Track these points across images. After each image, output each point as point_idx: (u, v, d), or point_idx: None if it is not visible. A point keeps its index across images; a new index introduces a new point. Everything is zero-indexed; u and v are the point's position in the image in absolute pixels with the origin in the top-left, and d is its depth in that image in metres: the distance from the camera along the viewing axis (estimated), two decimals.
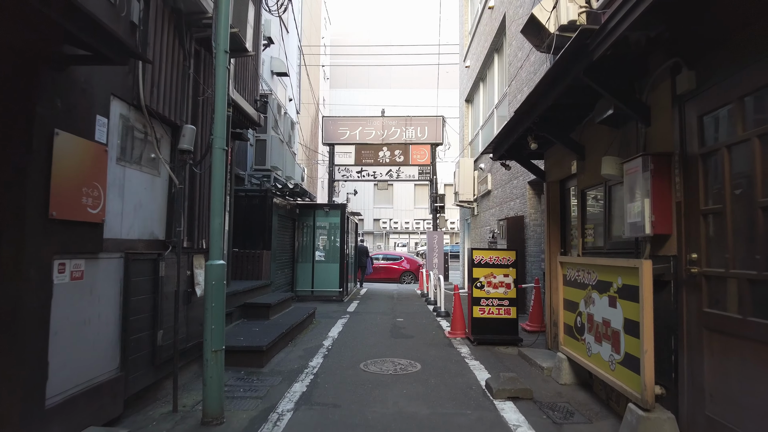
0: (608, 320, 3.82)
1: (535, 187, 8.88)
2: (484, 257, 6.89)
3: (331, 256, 12.20)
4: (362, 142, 16.61)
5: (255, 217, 9.45)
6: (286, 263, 11.19)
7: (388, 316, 9.42)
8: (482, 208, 12.93)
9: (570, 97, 4.35)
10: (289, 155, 11.21)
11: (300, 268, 12.02)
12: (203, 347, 3.69)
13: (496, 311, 6.83)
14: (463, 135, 16.44)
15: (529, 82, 8.82)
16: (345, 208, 12.15)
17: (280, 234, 10.49)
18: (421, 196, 54.31)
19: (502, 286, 6.86)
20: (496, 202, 11.22)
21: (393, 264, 20.26)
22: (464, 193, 13.56)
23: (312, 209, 12.24)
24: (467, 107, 16.44)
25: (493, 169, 11.58)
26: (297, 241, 11.92)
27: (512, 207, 9.74)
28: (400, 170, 16.60)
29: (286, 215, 11.01)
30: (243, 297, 7.18)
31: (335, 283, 11.99)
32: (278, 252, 10.34)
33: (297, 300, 11.78)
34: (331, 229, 12.46)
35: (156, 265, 3.99)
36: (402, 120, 16.77)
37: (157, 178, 4.12)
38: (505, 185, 10.40)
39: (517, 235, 8.96)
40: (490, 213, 11.88)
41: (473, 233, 14.34)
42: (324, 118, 16.91)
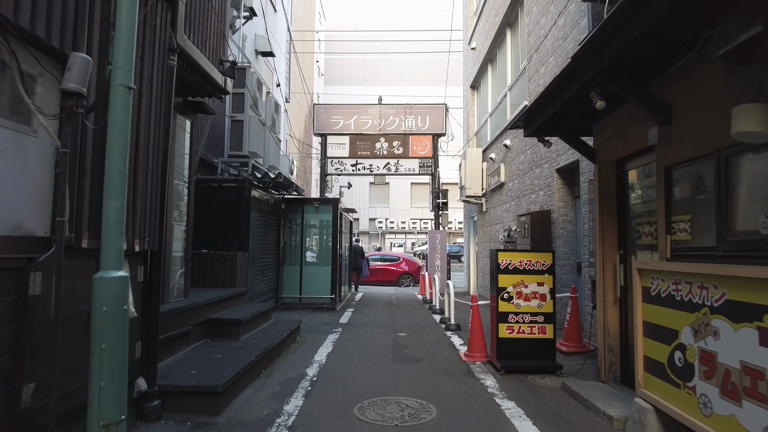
0: (760, 368, 2.34)
1: (564, 175, 7.41)
2: (513, 261, 5.40)
3: (322, 258, 10.69)
4: (357, 132, 15.12)
5: (229, 213, 7.93)
6: (269, 266, 9.67)
7: (387, 330, 7.92)
8: (493, 204, 11.46)
9: (658, 29, 2.90)
10: (272, 142, 9.70)
11: (286, 272, 10.50)
12: (87, 418, 2.17)
13: (527, 330, 5.35)
14: (468, 125, 14.98)
15: (556, 50, 7.35)
16: (338, 204, 10.65)
17: (260, 232, 8.97)
18: (418, 195, 52.90)
19: (535, 297, 5.38)
20: (511, 195, 9.75)
21: (390, 265, 18.77)
22: (472, 187, 12.09)
23: (300, 204, 10.72)
24: (472, 94, 14.97)
25: (507, 159, 10.11)
26: (282, 241, 10.40)
27: (534, 200, 8.28)
28: (399, 163, 15.12)
29: (270, 211, 9.50)
30: (206, 311, 5.66)
31: (326, 289, 10.48)
32: (259, 253, 8.82)
33: (283, 308, 10.27)
34: (322, 227, 10.95)
35: (22, 278, 2.47)
36: (401, 108, 15.29)
37: (28, 138, 2.59)
38: (523, 175, 8.93)
39: (542, 234, 7.49)
40: (503, 209, 10.42)
41: (481, 232, 12.87)
42: (315, 106, 15.40)
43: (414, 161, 15.10)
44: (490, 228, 11.69)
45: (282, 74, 16.27)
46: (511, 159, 9.82)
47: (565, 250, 7.28)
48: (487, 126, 12.78)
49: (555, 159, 7.38)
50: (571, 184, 7.40)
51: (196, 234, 7.89)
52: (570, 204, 7.38)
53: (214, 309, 5.90)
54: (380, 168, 15.18)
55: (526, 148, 8.84)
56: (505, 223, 10.00)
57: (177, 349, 4.93)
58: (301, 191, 10.26)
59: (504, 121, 10.75)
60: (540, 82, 8.14)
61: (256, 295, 8.76)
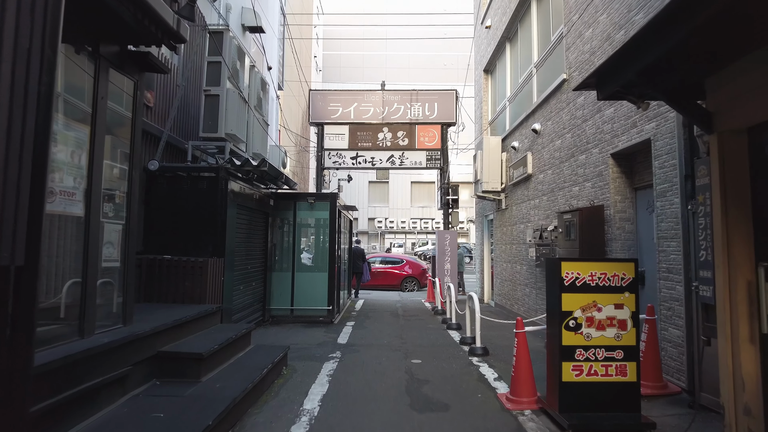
0: None
1: (622, 161, 5.88)
2: (581, 274, 3.87)
3: (318, 263, 9.15)
4: (358, 122, 13.60)
5: (201, 209, 6.39)
6: (255, 274, 8.12)
7: (397, 354, 6.39)
8: (515, 200, 9.93)
9: None
10: (258, 125, 8.15)
11: (275, 280, 8.96)
12: None
13: (602, 370, 3.82)
14: (482, 113, 13.44)
15: (611, 3, 5.82)
16: (336, 199, 9.12)
17: (243, 233, 7.42)
18: (419, 194, 51.39)
19: (612, 325, 3.85)
20: (542, 189, 8.22)
21: (393, 268, 17.24)
22: (489, 181, 10.56)
23: (292, 200, 9.17)
24: (486, 79, 13.43)
25: (536, 146, 8.57)
26: (271, 243, 8.85)
27: (578, 194, 6.75)
28: (404, 156, 13.61)
29: (255, 208, 7.95)
30: (155, 342, 4.11)
31: (323, 299, 8.93)
32: (240, 258, 7.27)
33: (271, 323, 8.72)
34: (318, 226, 9.41)
35: None
36: (406, 95, 13.76)
37: None
38: (561, 164, 7.40)
39: (594, 235, 5.96)
40: (530, 205, 8.88)
41: (498, 232, 11.34)
42: (311, 92, 13.85)
43: (421, 153, 13.58)
44: (511, 228, 10.16)
45: (274, 58, 14.72)
46: (542, 146, 8.29)
47: (622, 255, 5.76)
48: (506, 113, 11.25)
49: (610, 141, 5.85)
50: (629, 172, 5.88)
51: (159, 236, 6.35)
52: (629, 197, 5.85)
53: (168, 337, 4.36)
54: (383, 161, 13.67)
55: (563, 131, 7.31)
56: (535, 222, 8.46)
57: (103, 404, 3.39)
58: (293, 185, 8.72)
59: (530, 104, 9.22)
60: (585, 49, 6.62)
61: (238, 309, 7.21)
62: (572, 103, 7.03)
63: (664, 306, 4.65)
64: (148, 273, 5.75)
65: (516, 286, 9.75)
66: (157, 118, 6.64)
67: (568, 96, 7.21)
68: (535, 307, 8.54)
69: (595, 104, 6.26)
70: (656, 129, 4.85)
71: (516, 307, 9.71)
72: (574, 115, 6.97)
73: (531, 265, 8.74)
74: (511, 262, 10.16)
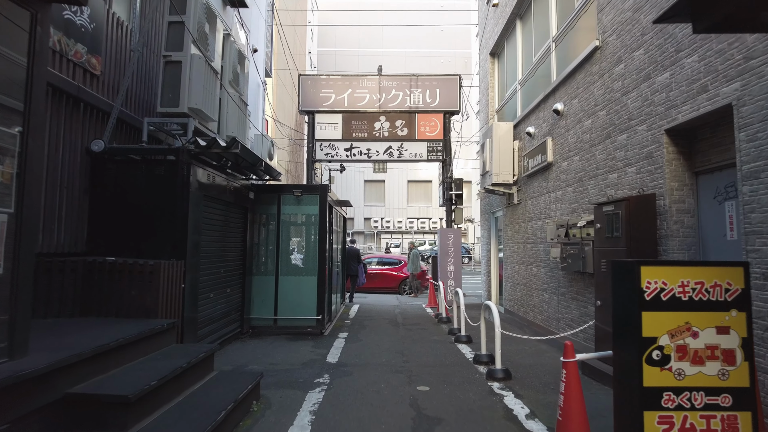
0: None
1: (679, 139, 4.71)
2: (669, 282, 2.70)
3: (306, 265, 7.95)
4: (353, 110, 12.40)
5: (157, 200, 5.19)
6: (230, 278, 6.90)
7: (400, 378, 5.20)
8: (530, 193, 8.76)
9: None
10: (234, 106, 6.94)
11: (256, 285, 7.74)
12: None
13: (702, 424, 2.65)
14: (488, 100, 12.28)
15: None
16: (326, 192, 7.91)
17: (213, 230, 6.22)
18: (415, 193, 50.20)
19: (713, 357, 2.68)
20: (567, 178, 7.05)
21: (391, 270, 16.06)
22: (500, 172, 9.38)
23: (275, 193, 7.95)
24: (493, 63, 12.27)
25: (558, 130, 7.41)
26: (251, 243, 7.64)
27: (617, 182, 5.58)
28: (403, 147, 12.41)
29: (231, 201, 6.75)
30: (62, 380, 2.90)
31: (311, 307, 7.73)
32: (209, 260, 6.06)
33: (251, 335, 7.53)
34: (306, 223, 8.20)
35: None
36: (405, 80, 12.58)
37: None
38: (592, 148, 6.23)
39: (642, 231, 4.79)
40: (550, 198, 7.72)
41: (509, 230, 10.17)
42: (301, 78, 12.63)
43: (421, 145, 12.39)
44: (525, 225, 8.98)
45: (261, 41, 13.51)
46: (566, 129, 7.12)
47: (681, 255, 4.59)
48: (517, 97, 10.09)
49: (664, 114, 4.68)
50: (688, 152, 4.72)
51: (107, 233, 5.14)
52: (688, 184, 4.69)
53: (86, 371, 3.15)
54: (380, 153, 12.46)
55: (595, 108, 6.15)
56: (557, 218, 7.29)
57: None
58: (276, 175, 7.50)
59: (548, 83, 8.06)
60: (625, 6, 5.45)
61: (206, 321, 6.00)
62: (607, 74, 5.86)
63: (758, 325, 3.49)
64: (86, 280, 4.54)
65: (531, 291, 8.58)
66: (106, 89, 5.42)
67: (601, 66, 6.04)
68: (556, 316, 7.38)
69: (641, 71, 5.09)
70: (741, 90, 3.69)
71: (531, 314, 8.54)
72: (610, 87, 5.81)
73: (552, 268, 7.58)
74: (525, 264, 8.99)
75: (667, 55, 4.64)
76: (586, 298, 6.34)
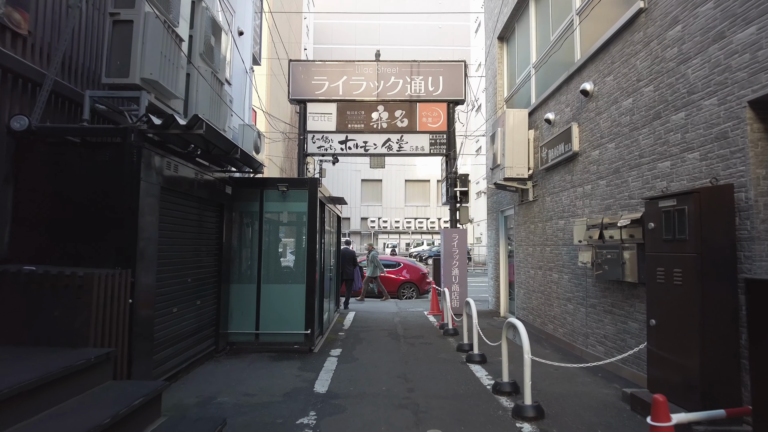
0: None
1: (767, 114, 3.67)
2: None
3: (293, 271, 6.87)
4: (348, 98, 11.33)
5: (100, 192, 4.11)
6: (201, 287, 5.82)
7: (404, 416, 4.13)
8: (549, 188, 7.72)
9: None
10: (205, 84, 5.86)
11: (235, 294, 6.66)
12: None
13: None
14: (496, 88, 11.23)
15: None
16: (316, 187, 6.83)
17: (176, 230, 5.14)
18: (413, 193, 49.16)
19: None
20: (600, 170, 5.99)
21: (389, 273, 14.98)
22: (513, 165, 8.33)
23: (257, 188, 6.87)
24: (501, 49, 11.23)
25: (586, 114, 6.36)
26: (228, 245, 6.57)
27: (669, 172, 4.52)
28: (403, 140, 11.35)
29: (202, 196, 5.67)
30: None
31: (298, 320, 6.65)
32: (171, 267, 4.98)
33: (229, 353, 6.46)
34: (293, 222, 7.13)
35: None
36: (406, 66, 11.52)
37: None
38: (634, 131, 5.17)
39: (715, 232, 3.74)
40: (576, 193, 6.67)
41: (522, 231, 9.12)
42: (291, 63, 11.55)
43: (423, 137, 11.33)
44: (543, 225, 7.93)
45: (248, 25, 12.41)
46: (597, 112, 6.07)
47: None
48: (531, 83, 9.04)
49: (746, 82, 3.64)
50: None
51: (34, 234, 4.06)
52: None
53: None
54: (378, 146, 11.39)
55: (638, 84, 5.10)
56: (586, 216, 6.24)
57: None
58: (257, 166, 6.42)
59: (571, 62, 7.01)
60: None
61: (166, 343, 4.92)
62: (656, 41, 4.81)
63: None
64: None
65: (551, 300, 7.53)
66: (36, 54, 4.33)
67: (646, 33, 5.00)
68: (583, 331, 6.33)
69: (709, 30, 4.05)
70: None
71: (551, 326, 7.49)
72: (659, 57, 4.76)
73: (578, 274, 6.53)
74: (542, 269, 7.94)
75: (752, 3, 3.59)
76: (625, 311, 5.29)
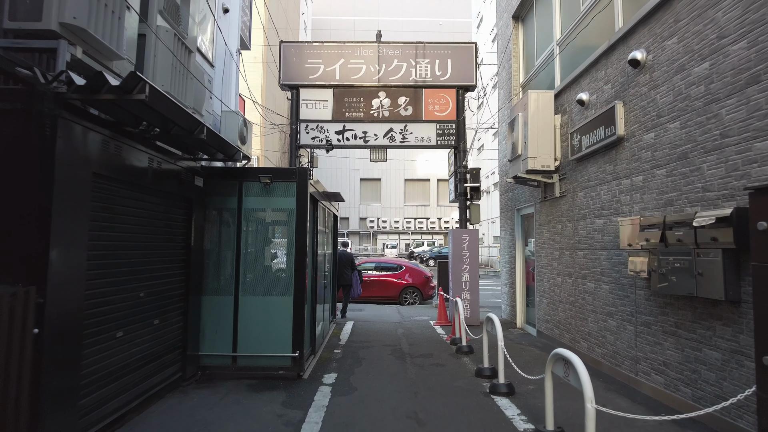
0: None
1: None
2: None
3: (278, 281, 5.69)
4: (346, 83, 10.18)
5: None
6: (161, 302, 4.65)
7: None
8: (580, 182, 6.57)
9: None
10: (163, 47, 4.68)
11: (208, 309, 5.50)
12: None
13: None
14: (511, 72, 10.08)
15: None
16: (306, 178, 5.66)
17: (122, 231, 3.97)
18: (413, 193, 47.98)
19: None
20: (655, 157, 4.82)
21: (390, 276, 13.83)
22: (538, 156, 7.17)
23: (234, 180, 5.70)
24: (516, 29, 10.08)
25: (636, 89, 5.20)
26: (198, 249, 5.40)
27: None
28: (407, 130, 10.19)
29: (165, 189, 4.51)
30: None
31: (284, 340, 5.48)
32: (114, 278, 3.81)
33: (200, 381, 5.31)
34: (279, 222, 5.97)
35: None
36: (410, 48, 10.37)
37: None
38: (709, 105, 3.99)
39: None
40: (619, 187, 5.51)
41: (546, 231, 7.97)
42: (283, 45, 10.39)
43: (429, 127, 10.17)
44: (574, 224, 6.78)
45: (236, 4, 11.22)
46: (653, 84, 4.91)
47: None
48: (555, 62, 7.90)
49: None
50: None
51: None
52: None
53: None
54: (379, 137, 10.24)
55: (722, 41, 3.94)
56: (635, 214, 5.09)
57: None
58: (233, 153, 5.25)
59: (611, 31, 5.86)
60: None
61: (110, 378, 3.75)
62: None
63: None
64: None
65: (584, 314, 6.39)
66: None
67: None
68: (631, 354, 5.18)
69: None
70: None
71: (584, 345, 6.34)
72: (750, 5, 3.62)
73: (623, 285, 5.38)
74: (572, 276, 6.80)
75: None
76: (698, 335, 4.14)
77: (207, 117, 7.26)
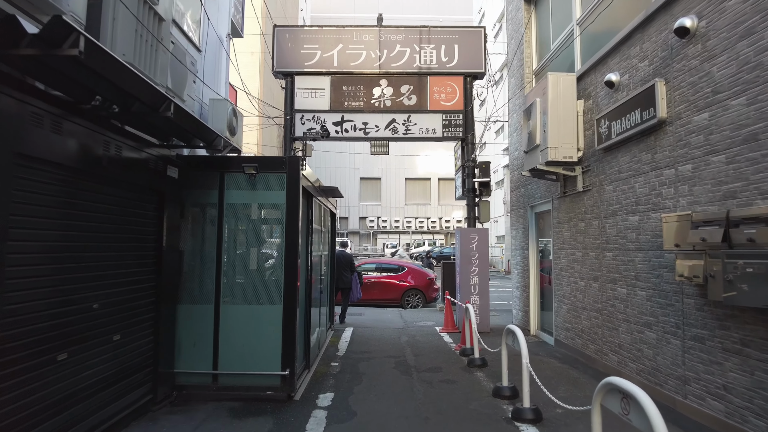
0: None
1: None
2: None
3: (266, 287, 4.93)
4: (344, 71, 9.43)
5: None
6: (123, 314, 3.89)
7: None
8: (609, 174, 5.81)
9: None
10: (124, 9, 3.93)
11: (184, 319, 4.74)
12: None
13: None
14: (523, 59, 9.32)
15: None
16: (298, 168, 4.90)
17: (53, 229, 3.22)
18: (413, 192, 47.17)
19: None
20: (710, 141, 4.06)
21: (392, 278, 13.08)
22: (560, 146, 6.41)
23: (215, 170, 4.94)
24: (528, 11, 9.32)
25: (681, 64, 4.44)
26: (170, 251, 4.64)
27: None
28: (411, 121, 9.44)
29: (131, 181, 3.76)
30: None
31: (273, 356, 4.72)
32: (49, 290, 3.05)
33: (174, 404, 4.55)
34: (267, 219, 5.21)
35: None
36: (414, 33, 9.61)
37: None
38: None
39: None
40: (660, 179, 4.75)
41: (566, 230, 7.21)
42: (276, 30, 9.62)
43: (435, 117, 9.42)
44: (601, 222, 6.03)
45: None
46: (706, 56, 4.15)
47: None
48: (576, 44, 7.14)
49: None
50: None
51: None
52: None
53: None
54: (381, 129, 9.48)
55: None
56: (681, 208, 4.34)
57: None
58: (213, 139, 4.50)
59: (645, 2, 5.11)
60: None
61: (47, 410, 3.00)
62: None
63: None
64: None
65: (614, 323, 5.63)
66: None
67: None
68: (676, 373, 4.43)
69: None
70: None
71: (614, 359, 5.59)
72: None
73: (666, 291, 4.63)
74: (599, 281, 6.04)
75: None
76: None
77: (191, 103, 6.51)
